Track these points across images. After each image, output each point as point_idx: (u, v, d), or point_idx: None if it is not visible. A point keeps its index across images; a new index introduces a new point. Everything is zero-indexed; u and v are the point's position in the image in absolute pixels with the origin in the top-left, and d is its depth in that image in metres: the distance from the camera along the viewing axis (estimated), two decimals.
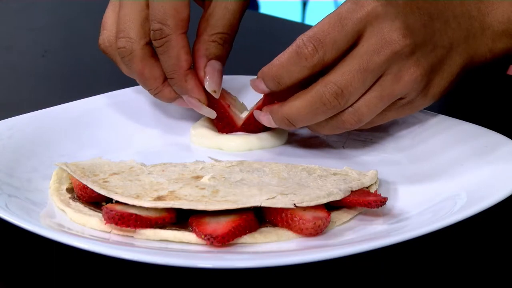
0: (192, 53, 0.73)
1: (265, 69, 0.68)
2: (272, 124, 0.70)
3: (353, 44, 0.66)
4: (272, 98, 0.71)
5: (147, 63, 0.72)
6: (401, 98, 0.67)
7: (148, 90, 0.75)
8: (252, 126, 0.75)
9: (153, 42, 0.71)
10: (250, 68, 0.71)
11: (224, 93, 0.76)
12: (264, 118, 0.71)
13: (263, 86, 0.69)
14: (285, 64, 0.67)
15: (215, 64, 0.73)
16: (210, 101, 0.75)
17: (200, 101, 0.74)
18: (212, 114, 0.75)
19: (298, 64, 0.66)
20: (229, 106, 0.76)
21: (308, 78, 0.67)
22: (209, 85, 0.73)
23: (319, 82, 0.66)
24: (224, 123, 0.76)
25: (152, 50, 0.73)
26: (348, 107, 0.66)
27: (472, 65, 0.71)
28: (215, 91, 0.73)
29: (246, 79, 0.75)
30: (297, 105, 0.67)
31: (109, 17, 0.75)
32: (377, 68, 0.65)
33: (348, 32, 0.65)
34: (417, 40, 0.66)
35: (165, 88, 0.74)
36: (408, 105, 0.68)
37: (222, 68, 0.74)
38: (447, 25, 0.68)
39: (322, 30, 0.65)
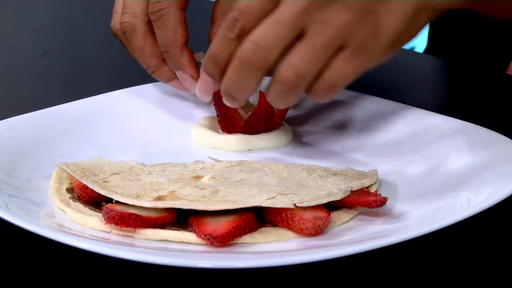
0: (208, 39, 0.73)
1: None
2: (231, 103, 0.68)
3: (274, 8, 0.64)
4: None
5: (148, 40, 0.73)
6: (344, 47, 0.64)
7: (147, 68, 0.75)
8: (250, 128, 0.75)
9: (150, 15, 0.71)
10: None
11: None
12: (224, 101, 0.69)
13: (205, 78, 0.67)
14: (216, 41, 0.66)
15: None
16: (217, 99, 0.75)
17: (193, 78, 0.74)
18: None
19: (225, 37, 0.64)
20: None
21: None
22: None
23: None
24: (226, 123, 0.76)
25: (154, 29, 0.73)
26: (280, 64, 0.64)
27: (433, 8, 0.66)
28: None
29: None
30: (228, 76, 0.65)
31: (120, 2, 0.75)
32: (293, 19, 0.63)
33: None
34: None
35: (164, 66, 0.74)
36: (361, 52, 0.64)
37: None
38: None
39: (241, 0, 0.64)
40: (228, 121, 0.76)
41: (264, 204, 0.58)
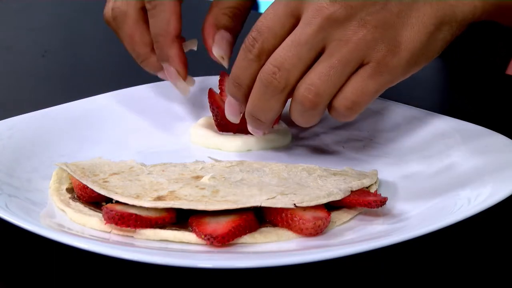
0: (202, 27, 0.73)
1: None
2: (253, 129, 0.70)
3: (293, 26, 0.64)
4: None
5: (138, 27, 0.73)
6: (364, 64, 0.64)
7: (136, 57, 0.75)
8: (244, 131, 0.75)
9: (146, 4, 0.71)
10: None
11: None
12: (249, 127, 0.70)
13: (230, 99, 0.68)
14: (237, 63, 0.66)
15: (224, 34, 0.73)
16: (209, 98, 0.75)
17: (178, 73, 0.74)
18: (185, 92, 0.75)
19: (245, 58, 0.65)
20: None
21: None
22: (216, 51, 0.73)
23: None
24: (223, 128, 0.76)
25: (146, 17, 0.73)
26: (299, 84, 0.64)
27: (457, 22, 0.65)
28: (223, 58, 0.73)
29: None
30: (251, 98, 0.66)
31: None
32: (311, 38, 0.63)
33: (281, 15, 0.64)
34: (352, 2, 0.62)
35: (152, 56, 0.74)
36: (382, 69, 0.64)
37: (233, 41, 0.74)
38: None
39: (260, 20, 0.65)
40: (224, 121, 0.75)
41: (264, 204, 0.58)
